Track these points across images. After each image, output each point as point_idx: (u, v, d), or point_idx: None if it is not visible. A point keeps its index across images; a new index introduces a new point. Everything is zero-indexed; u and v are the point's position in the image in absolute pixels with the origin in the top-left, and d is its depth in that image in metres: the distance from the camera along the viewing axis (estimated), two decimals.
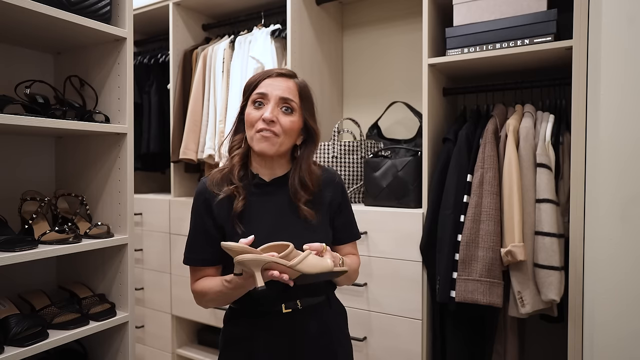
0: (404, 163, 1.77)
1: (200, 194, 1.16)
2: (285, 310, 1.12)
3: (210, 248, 1.14)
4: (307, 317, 1.14)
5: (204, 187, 1.16)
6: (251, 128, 1.12)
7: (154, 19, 2.51)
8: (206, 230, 1.14)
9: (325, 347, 1.16)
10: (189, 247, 1.17)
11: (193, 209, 1.17)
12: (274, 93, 1.11)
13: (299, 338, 1.13)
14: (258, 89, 1.13)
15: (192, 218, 1.17)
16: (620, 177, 1.05)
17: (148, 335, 2.50)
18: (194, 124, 2.22)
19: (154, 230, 2.41)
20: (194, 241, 1.17)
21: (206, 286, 1.13)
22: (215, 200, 1.12)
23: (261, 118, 1.10)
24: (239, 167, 1.15)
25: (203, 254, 1.15)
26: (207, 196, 1.14)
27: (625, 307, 1.03)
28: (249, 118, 1.12)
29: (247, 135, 1.14)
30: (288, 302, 1.12)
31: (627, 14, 1.04)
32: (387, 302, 1.73)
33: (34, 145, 1.70)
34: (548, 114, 1.58)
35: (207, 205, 1.14)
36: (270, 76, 1.14)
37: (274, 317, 1.12)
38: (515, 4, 1.56)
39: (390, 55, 2.23)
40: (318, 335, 1.15)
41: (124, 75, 1.56)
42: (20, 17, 1.33)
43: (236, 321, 1.19)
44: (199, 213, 1.15)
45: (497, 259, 1.50)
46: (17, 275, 1.57)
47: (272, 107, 1.10)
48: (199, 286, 1.15)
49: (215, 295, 1.11)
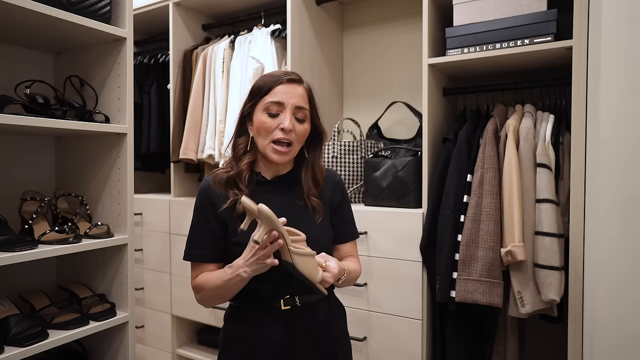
0: (404, 163, 1.77)
1: (204, 192, 1.16)
2: (284, 307, 1.12)
3: (212, 244, 1.15)
4: (306, 314, 1.15)
5: (207, 185, 1.17)
6: (266, 136, 1.12)
7: (154, 19, 2.51)
8: (209, 227, 1.15)
9: (324, 344, 1.17)
10: (190, 243, 1.18)
11: (196, 205, 1.18)
12: (290, 102, 1.12)
13: (297, 335, 1.13)
14: (273, 97, 1.12)
15: (195, 214, 1.18)
16: (620, 177, 1.05)
17: (148, 335, 2.50)
18: (194, 124, 2.22)
19: (154, 230, 2.41)
20: (195, 237, 1.17)
21: (205, 279, 1.14)
22: (219, 198, 1.14)
23: (279, 127, 1.11)
24: (247, 173, 1.15)
25: (205, 250, 1.16)
26: (211, 193, 1.15)
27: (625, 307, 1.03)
28: (264, 126, 1.12)
29: (260, 142, 1.14)
30: (287, 299, 1.13)
31: (627, 14, 1.04)
32: (387, 302, 1.73)
33: (34, 145, 1.70)
34: (548, 114, 1.58)
35: (210, 202, 1.15)
36: (281, 82, 1.13)
37: (273, 314, 1.13)
38: (515, 4, 1.56)
39: (390, 55, 2.23)
40: (317, 333, 1.16)
41: (124, 75, 1.56)
42: (20, 17, 1.33)
43: (236, 319, 1.19)
44: (203, 209, 1.16)
45: (497, 259, 1.50)
46: (17, 275, 1.57)
47: (289, 116, 1.12)
48: (199, 280, 1.16)
49: (214, 287, 1.11)
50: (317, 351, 1.16)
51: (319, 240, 1.15)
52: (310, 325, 1.15)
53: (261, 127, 1.12)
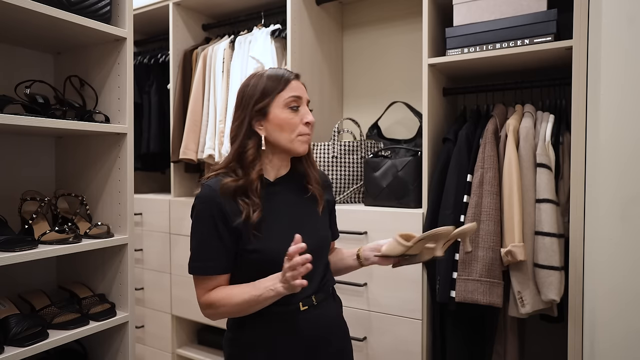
0: (404, 163, 1.77)
1: (211, 200, 1.09)
2: (303, 308, 1.12)
3: (224, 255, 1.09)
4: (320, 312, 1.16)
5: (214, 193, 1.09)
6: (288, 131, 1.12)
7: (154, 19, 2.51)
8: (220, 236, 1.08)
9: (338, 338, 1.21)
10: (198, 255, 1.10)
11: (202, 214, 1.10)
12: (304, 96, 1.16)
13: (316, 332, 1.15)
14: (292, 92, 1.13)
15: (201, 224, 1.10)
16: (620, 177, 1.05)
17: (148, 335, 2.50)
18: (194, 123, 2.22)
19: (154, 230, 2.41)
20: (204, 248, 1.10)
21: (226, 294, 1.08)
22: (229, 207, 1.09)
23: (304, 122, 1.13)
24: (258, 183, 1.11)
25: (216, 262, 1.09)
26: (219, 201, 1.09)
27: (625, 307, 1.03)
28: (290, 122, 1.12)
29: (283, 138, 1.12)
30: (305, 300, 1.12)
31: (627, 14, 1.04)
32: (387, 302, 1.73)
33: (34, 145, 1.70)
34: (548, 114, 1.58)
35: (220, 211, 1.08)
36: (291, 79, 1.14)
37: (292, 316, 1.12)
38: (515, 4, 1.56)
39: (390, 55, 2.23)
40: (331, 328, 1.19)
41: (124, 75, 1.56)
42: (20, 17, 1.33)
43: (251, 325, 1.13)
44: (211, 219, 1.08)
45: (497, 259, 1.50)
46: (17, 275, 1.57)
47: (307, 109, 1.15)
48: (214, 297, 1.09)
49: (240, 302, 1.06)
50: (333, 345, 1.19)
51: (325, 234, 1.21)
52: (324, 322, 1.17)
53: (285, 123, 1.12)
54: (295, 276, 0.97)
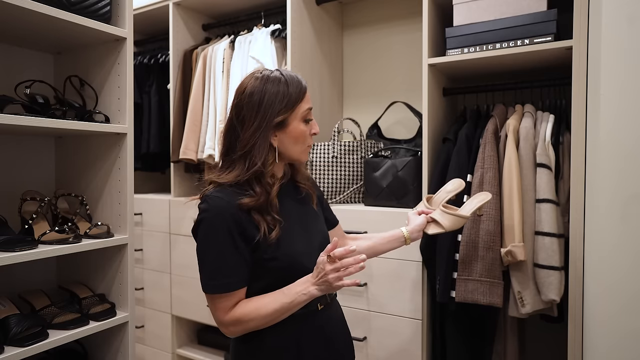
0: (404, 163, 1.77)
1: (225, 211, 1.02)
2: (320, 307, 1.13)
3: (243, 269, 1.04)
4: (331, 310, 1.19)
5: (226, 204, 1.03)
6: (302, 143, 1.11)
7: (154, 19, 2.51)
8: (237, 247, 1.03)
9: (347, 333, 1.24)
10: (218, 271, 1.03)
11: (217, 227, 1.02)
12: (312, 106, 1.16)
13: (332, 330, 1.17)
14: (307, 103, 1.11)
15: (216, 237, 1.02)
16: (620, 177, 1.05)
17: (148, 335, 2.50)
18: (194, 124, 2.22)
19: (154, 230, 2.41)
20: (223, 264, 1.03)
21: (254, 307, 1.03)
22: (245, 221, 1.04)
23: (311, 133, 1.13)
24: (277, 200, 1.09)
25: (237, 277, 1.04)
26: (233, 211, 1.03)
27: (625, 306, 1.03)
28: (304, 134, 1.11)
29: (295, 149, 1.11)
30: (321, 299, 1.12)
31: (627, 14, 1.04)
32: (387, 302, 1.73)
33: (34, 145, 1.70)
34: (548, 114, 1.58)
35: (234, 221, 1.02)
36: (306, 88, 1.12)
37: (312, 317, 1.12)
38: (515, 4, 1.56)
39: (390, 55, 2.23)
40: (341, 324, 1.22)
41: (124, 75, 1.56)
42: (20, 17, 1.33)
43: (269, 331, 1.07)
44: (229, 233, 1.02)
45: (497, 259, 1.50)
46: (17, 275, 1.57)
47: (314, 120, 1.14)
48: (240, 312, 1.03)
49: (271, 312, 1.02)
50: (345, 340, 1.22)
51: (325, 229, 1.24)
52: (335, 319, 1.20)
53: (301, 135, 1.10)
54: (341, 277, 0.98)
